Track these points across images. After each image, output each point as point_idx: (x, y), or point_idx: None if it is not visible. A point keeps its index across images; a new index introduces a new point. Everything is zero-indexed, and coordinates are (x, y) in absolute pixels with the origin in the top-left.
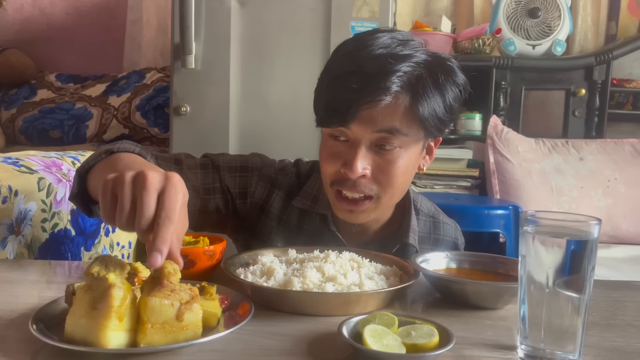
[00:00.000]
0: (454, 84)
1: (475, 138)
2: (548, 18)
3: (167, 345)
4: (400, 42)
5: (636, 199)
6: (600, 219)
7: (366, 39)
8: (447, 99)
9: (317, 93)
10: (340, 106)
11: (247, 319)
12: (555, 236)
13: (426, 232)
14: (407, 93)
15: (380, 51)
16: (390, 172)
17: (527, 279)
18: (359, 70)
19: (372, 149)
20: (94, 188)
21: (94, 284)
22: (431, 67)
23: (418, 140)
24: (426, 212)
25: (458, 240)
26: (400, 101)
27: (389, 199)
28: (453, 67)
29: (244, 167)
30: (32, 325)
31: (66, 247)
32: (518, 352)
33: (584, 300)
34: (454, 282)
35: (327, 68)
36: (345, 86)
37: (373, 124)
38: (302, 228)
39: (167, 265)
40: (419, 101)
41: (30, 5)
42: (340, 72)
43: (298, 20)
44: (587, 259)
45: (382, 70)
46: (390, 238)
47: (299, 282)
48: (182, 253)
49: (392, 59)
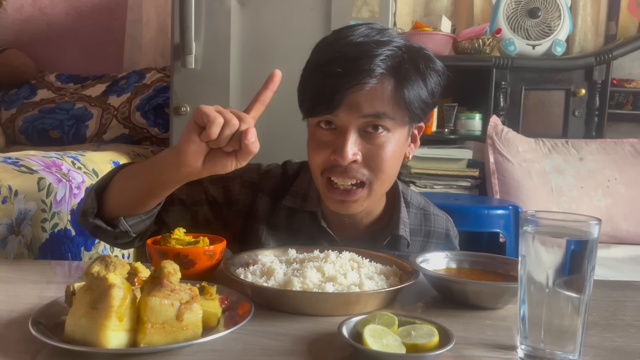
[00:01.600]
0: (434, 70)
1: (475, 138)
2: (548, 18)
3: (166, 345)
4: (378, 31)
5: (636, 199)
6: (600, 219)
7: (345, 30)
8: (429, 84)
9: (300, 86)
10: (326, 93)
11: (247, 319)
12: (555, 236)
13: (417, 224)
14: (390, 77)
15: (361, 39)
16: (380, 156)
17: (527, 279)
18: (341, 56)
19: (361, 134)
20: (112, 203)
21: (94, 284)
22: (411, 53)
23: (404, 124)
24: (416, 204)
25: (450, 231)
26: (385, 85)
27: (381, 185)
28: (430, 55)
29: (225, 176)
30: (31, 326)
31: (66, 247)
32: (518, 352)
33: (584, 301)
34: (454, 282)
35: (308, 61)
36: (329, 73)
37: (360, 109)
38: (292, 228)
39: (166, 265)
40: (403, 85)
41: (30, 5)
42: (322, 60)
43: (298, 20)
44: (587, 259)
45: (365, 54)
46: (380, 231)
47: (299, 282)
48: (182, 253)
49: (374, 44)
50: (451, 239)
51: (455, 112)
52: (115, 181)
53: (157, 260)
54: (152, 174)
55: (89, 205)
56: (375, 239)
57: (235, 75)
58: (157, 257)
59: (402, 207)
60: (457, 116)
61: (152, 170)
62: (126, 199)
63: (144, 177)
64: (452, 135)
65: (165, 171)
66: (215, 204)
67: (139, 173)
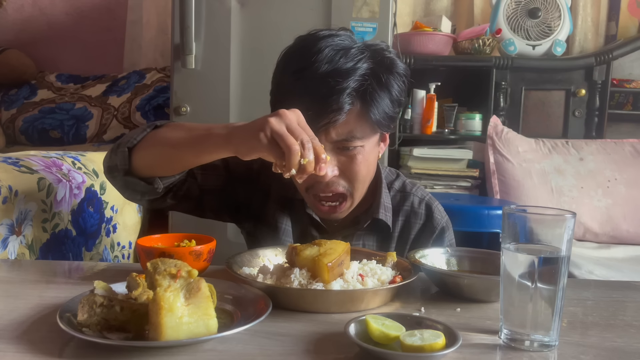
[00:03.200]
0: (397, 76)
1: (475, 138)
2: (548, 18)
3: (167, 341)
4: (341, 52)
5: (636, 199)
6: (575, 212)
7: (308, 53)
8: (394, 94)
9: (272, 105)
10: None
11: (259, 320)
12: (529, 253)
13: (396, 205)
14: (357, 102)
15: (325, 67)
16: (355, 168)
17: (505, 278)
18: (308, 92)
19: (335, 150)
20: (141, 163)
21: (171, 284)
22: (375, 72)
23: (374, 134)
24: (397, 187)
25: (434, 213)
26: (351, 111)
27: (360, 192)
28: (393, 59)
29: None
30: (59, 319)
31: (67, 247)
32: (501, 336)
33: (559, 297)
34: (450, 276)
35: (277, 85)
36: (301, 110)
37: (331, 136)
38: (284, 208)
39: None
40: (370, 106)
41: (30, 5)
42: (289, 94)
43: (298, 20)
44: (559, 272)
45: (331, 92)
46: (361, 215)
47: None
48: (167, 253)
49: (339, 77)
50: (435, 221)
51: (455, 113)
52: (147, 143)
53: (144, 259)
54: (192, 149)
55: (119, 162)
56: (356, 223)
57: (235, 75)
58: (144, 256)
59: (384, 192)
60: (457, 116)
61: (193, 145)
62: (157, 162)
63: (181, 149)
64: (452, 135)
65: (208, 151)
66: (238, 181)
67: (177, 144)
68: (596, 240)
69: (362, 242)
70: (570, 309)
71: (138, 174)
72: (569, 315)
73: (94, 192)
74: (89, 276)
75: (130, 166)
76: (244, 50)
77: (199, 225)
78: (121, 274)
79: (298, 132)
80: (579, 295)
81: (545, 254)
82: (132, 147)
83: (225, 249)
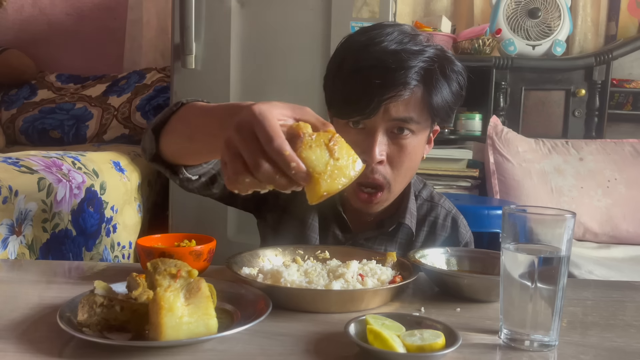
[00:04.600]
0: (457, 73)
1: (475, 138)
2: (548, 18)
3: (168, 341)
4: (410, 37)
5: (636, 199)
6: (575, 212)
7: (376, 33)
8: (454, 87)
9: (331, 87)
10: (362, 100)
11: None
12: (529, 253)
13: (422, 215)
14: (420, 85)
15: (395, 46)
16: (402, 157)
17: (505, 278)
18: (379, 64)
19: (387, 134)
20: (167, 149)
21: (171, 284)
22: (439, 61)
23: (427, 127)
24: (425, 197)
25: (459, 222)
26: (414, 92)
27: (399, 185)
28: (452, 58)
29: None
30: (59, 319)
31: (67, 247)
32: (501, 336)
33: (559, 296)
34: (450, 276)
35: (341, 61)
36: (367, 81)
37: (390, 114)
38: (313, 207)
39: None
40: (432, 92)
41: (30, 5)
42: (359, 66)
43: (298, 20)
44: (560, 273)
45: (400, 66)
46: (387, 219)
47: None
48: (167, 253)
49: (409, 54)
50: (460, 235)
51: (455, 113)
52: (170, 127)
53: (144, 259)
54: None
55: (147, 145)
56: (381, 226)
57: (235, 75)
58: (144, 256)
59: (412, 199)
60: (457, 116)
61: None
62: (181, 149)
63: (205, 135)
64: (452, 135)
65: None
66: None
67: (190, 135)
68: (596, 240)
69: (384, 247)
70: (570, 309)
71: (169, 158)
72: (569, 315)
73: (94, 192)
74: (89, 276)
75: (158, 150)
76: (244, 50)
77: (199, 225)
78: (121, 274)
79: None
80: (578, 295)
81: (545, 254)
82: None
83: (225, 249)
